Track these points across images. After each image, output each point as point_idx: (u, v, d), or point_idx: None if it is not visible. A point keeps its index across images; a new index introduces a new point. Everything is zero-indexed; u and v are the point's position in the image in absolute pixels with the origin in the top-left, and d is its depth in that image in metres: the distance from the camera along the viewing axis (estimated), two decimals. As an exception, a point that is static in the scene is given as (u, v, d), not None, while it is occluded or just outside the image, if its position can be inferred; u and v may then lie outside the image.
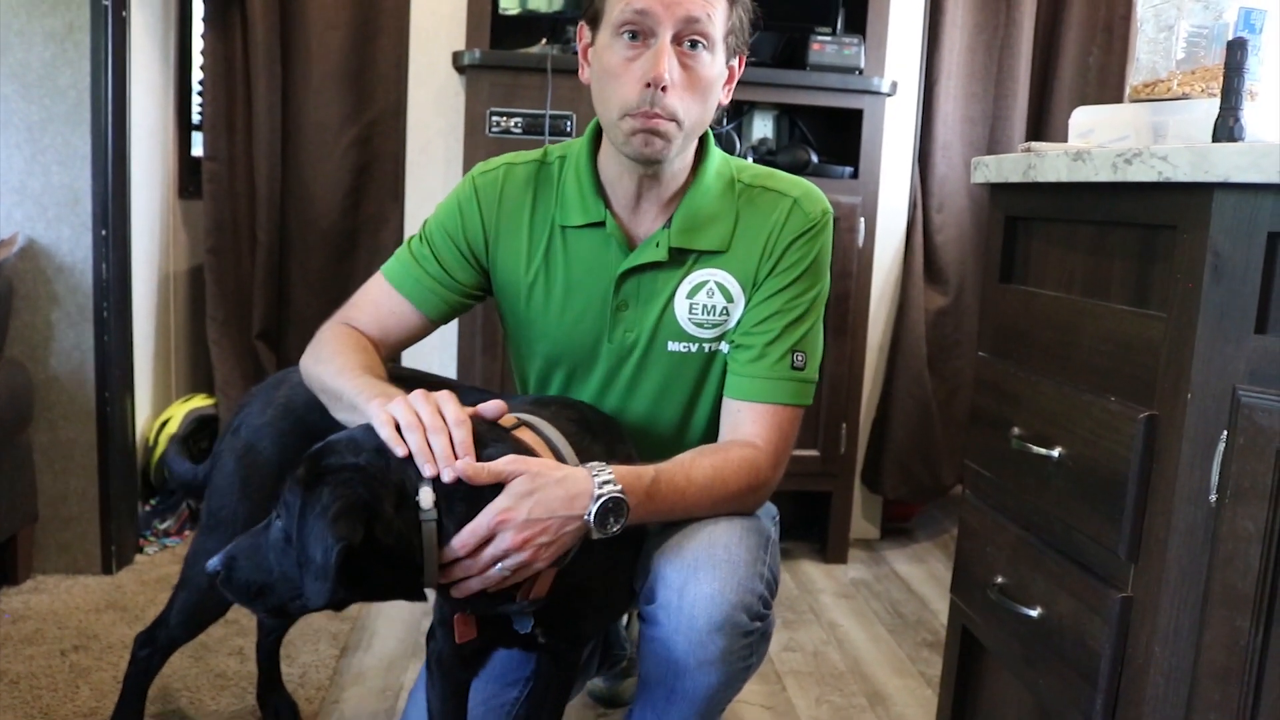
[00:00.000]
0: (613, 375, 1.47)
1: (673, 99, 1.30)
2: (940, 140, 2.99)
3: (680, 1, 1.28)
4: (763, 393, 1.39)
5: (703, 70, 1.32)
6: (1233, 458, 1.03)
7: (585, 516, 1.16)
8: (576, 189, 1.43)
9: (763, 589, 1.26)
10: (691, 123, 1.34)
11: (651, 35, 1.30)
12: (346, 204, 2.92)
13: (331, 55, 2.85)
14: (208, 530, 1.53)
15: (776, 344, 1.39)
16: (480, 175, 1.47)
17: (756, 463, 1.35)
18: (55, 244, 2.36)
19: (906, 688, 2.19)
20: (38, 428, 2.39)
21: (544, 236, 1.44)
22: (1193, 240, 1.07)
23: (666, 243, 1.40)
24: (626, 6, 1.29)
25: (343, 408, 1.31)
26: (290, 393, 1.51)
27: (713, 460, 1.32)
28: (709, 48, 1.32)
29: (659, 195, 1.41)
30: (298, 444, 1.45)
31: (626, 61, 1.31)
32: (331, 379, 1.34)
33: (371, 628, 2.31)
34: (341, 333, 1.44)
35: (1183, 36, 1.40)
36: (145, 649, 1.63)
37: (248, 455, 1.49)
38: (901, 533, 3.24)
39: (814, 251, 1.42)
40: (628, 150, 1.34)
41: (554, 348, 1.47)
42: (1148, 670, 1.11)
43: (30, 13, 2.29)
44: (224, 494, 1.51)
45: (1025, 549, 1.35)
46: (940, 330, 3.08)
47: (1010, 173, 1.40)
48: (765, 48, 2.93)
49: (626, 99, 1.30)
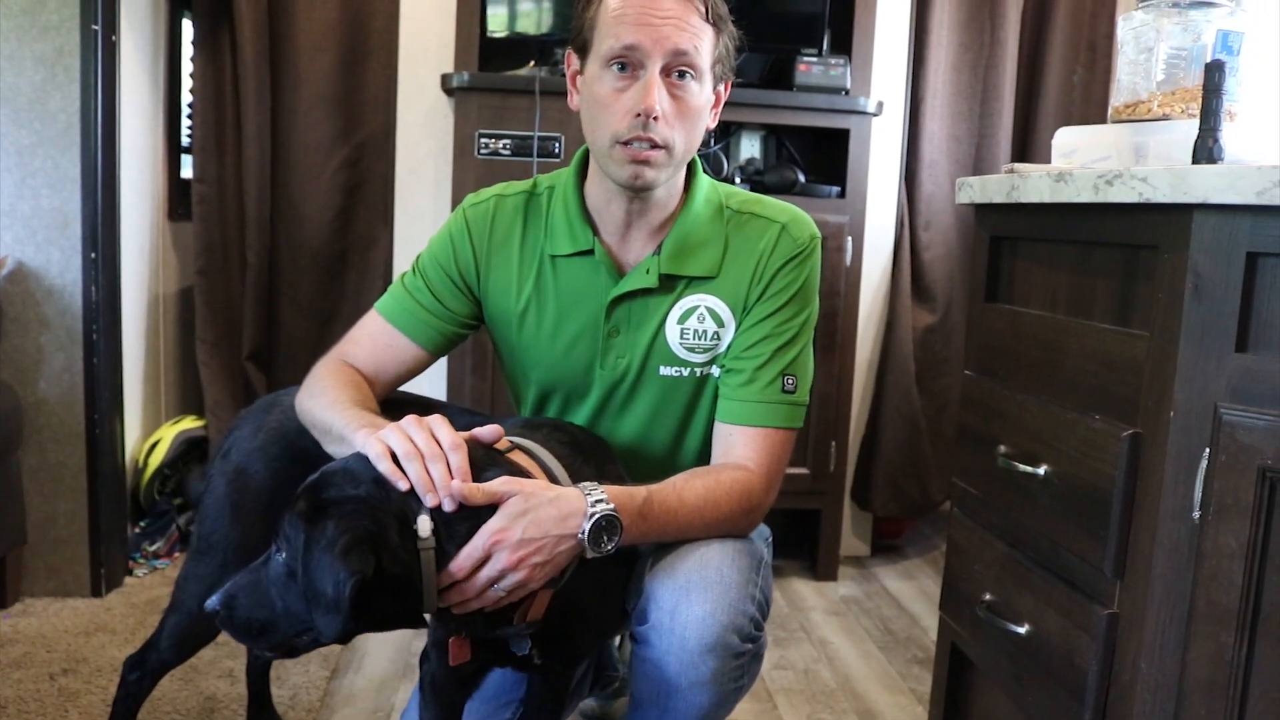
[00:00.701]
0: (606, 400, 1.47)
1: (663, 128, 1.31)
2: (926, 159, 3.01)
3: (669, 35, 1.29)
4: (754, 416, 1.40)
5: (691, 100, 1.34)
6: (1215, 475, 1.04)
7: (579, 535, 1.17)
8: (564, 218, 1.44)
9: (754, 610, 1.27)
10: (681, 150, 1.36)
11: (640, 67, 1.31)
12: (336, 225, 2.93)
13: (321, 78, 2.86)
14: (198, 555, 1.53)
15: (767, 368, 1.40)
16: (471, 207, 1.48)
17: (749, 485, 1.36)
18: (45, 266, 2.37)
19: (897, 705, 2.19)
20: (27, 450, 2.39)
21: (534, 266, 1.45)
22: (1173, 260, 1.08)
23: (657, 269, 1.41)
24: (616, 41, 1.30)
25: (332, 440, 1.32)
26: (282, 417, 1.51)
27: (705, 482, 1.33)
28: (697, 78, 1.34)
29: (648, 222, 1.42)
30: (289, 469, 1.45)
31: (616, 92, 1.32)
32: (321, 412, 1.35)
33: (362, 649, 2.30)
34: (334, 368, 1.45)
35: (1162, 58, 1.42)
36: (135, 672, 1.62)
37: (238, 479, 1.49)
38: (892, 549, 3.24)
39: (803, 276, 1.44)
40: (618, 178, 1.35)
41: (547, 375, 1.48)
42: (1134, 686, 1.12)
43: (20, 38, 2.30)
44: (214, 518, 1.51)
45: (1013, 566, 1.36)
46: (928, 348, 3.10)
47: (994, 193, 1.42)
48: (752, 69, 2.95)
49: (617, 129, 1.32)
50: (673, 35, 1.30)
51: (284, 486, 1.45)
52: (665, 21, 1.29)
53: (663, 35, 1.29)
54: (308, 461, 1.45)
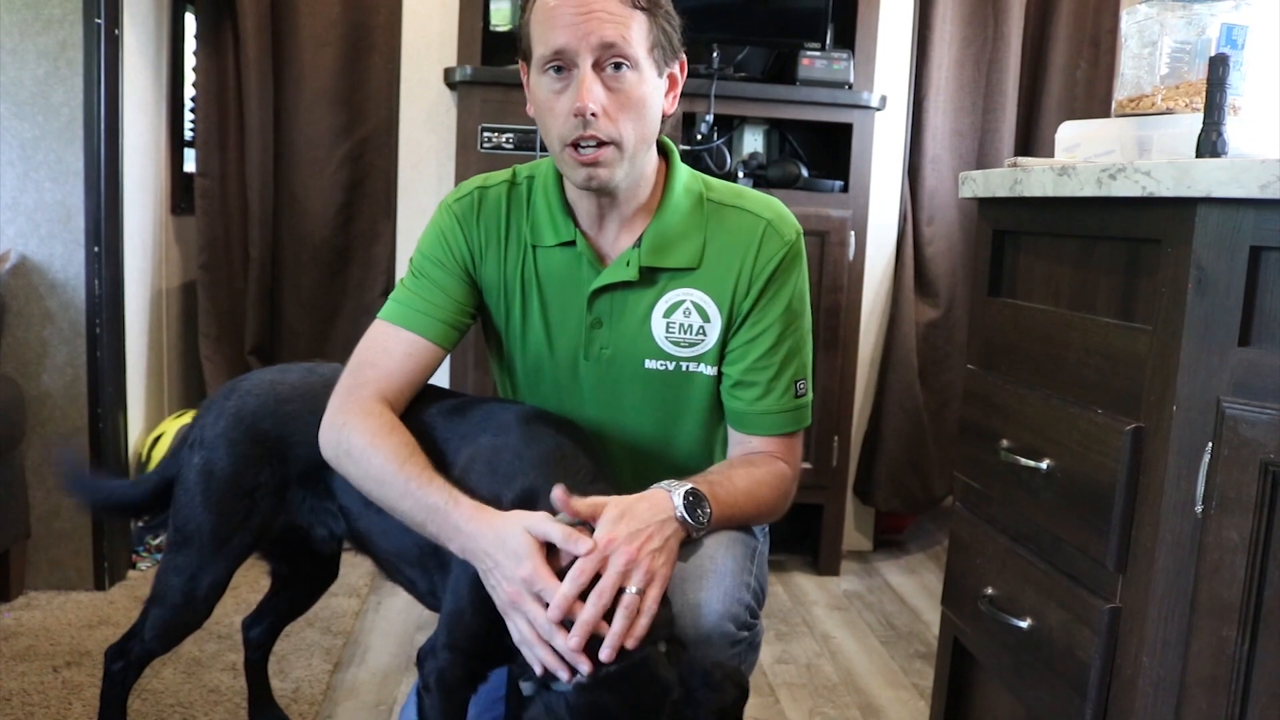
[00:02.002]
0: (593, 392, 1.47)
1: (604, 124, 1.30)
2: (930, 154, 3.00)
3: (593, 29, 1.28)
4: (774, 426, 1.43)
5: (630, 90, 1.32)
6: (1218, 469, 1.04)
7: (677, 513, 1.23)
8: (546, 209, 1.44)
9: (749, 599, 1.28)
10: (633, 142, 1.34)
11: (574, 66, 1.31)
12: (339, 220, 2.93)
13: (323, 72, 2.86)
14: (175, 546, 1.54)
15: (779, 379, 1.42)
16: (455, 202, 1.47)
17: (786, 475, 1.43)
18: (48, 261, 2.37)
19: (899, 699, 2.19)
20: (30, 444, 2.39)
21: (519, 256, 1.45)
22: (1177, 254, 1.08)
23: (637, 262, 1.40)
24: (545, 46, 1.31)
25: (431, 527, 1.29)
26: (240, 401, 1.51)
27: (746, 470, 1.39)
28: (633, 67, 1.32)
29: (620, 214, 1.42)
30: (250, 450, 1.48)
31: (555, 95, 1.32)
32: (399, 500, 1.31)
33: (365, 642, 2.31)
34: (376, 424, 1.36)
35: (1166, 52, 1.42)
36: (118, 662, 1.62)
37: (205, 467, 1.50)
38: (894, 544, 3.24)
39: (796, 278, 1.44)
40: (574, 181, 1.36)
41: (535, 366, 1.48)
42: (1136, 680, 1.12)
43: (23, 31, 2.30)
44: (187, 509, 1.52)
45: (1015, 560, 1.36)
46: (931, 343, 3.10)
47: (997, 187, 1.42)
48: (755, 63, 2.95)
49: (561, 132, 1.32)
50: (597, 29, 1.28)
51: (247, 469, 1.48)
52: (589, 17, 1.28)
53: (588, 30, 1.28)
54: (267, 442, 1.48)
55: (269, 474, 1.49)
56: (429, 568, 1.40)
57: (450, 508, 1.25)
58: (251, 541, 1.53)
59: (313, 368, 1.58)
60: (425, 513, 1.26)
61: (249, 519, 1.50)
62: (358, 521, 1.48)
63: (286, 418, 1.49)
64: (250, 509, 1.50)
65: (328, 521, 1.52)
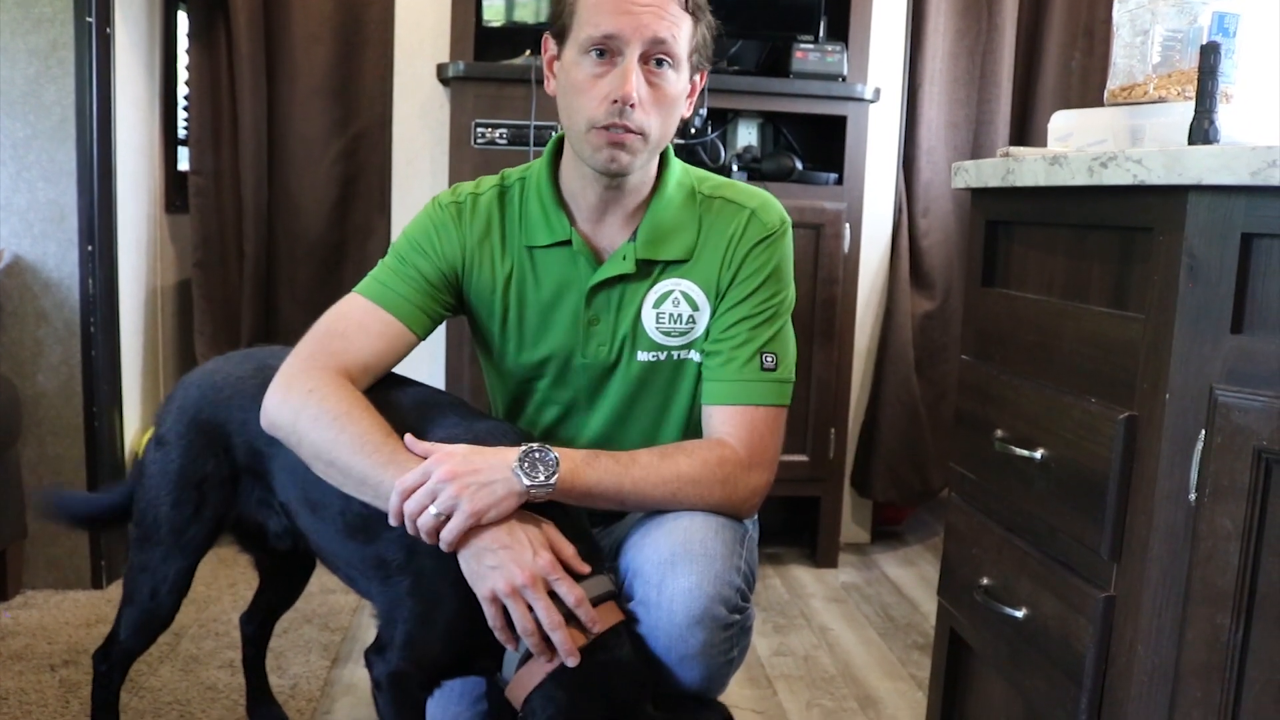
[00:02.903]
0: (587, 389, 1.47)
1: (639, 115, 1.32)
2: (924, 145, 3.00)
3: (648, 23, 1.30)
4: (733, 395, 1.40)
5: (668, 88, 1.35)
6: (1211, 457, 1.04)
7: (513, 464, 1.24)
8: (539, 208, 1.44)
9: (740, 582, 1.28)
10: (657, 137, 1.36)
11: (619, 54, 1.31)
12: (333, 216, 2.93)
13: (316, 68, 2.86)
14: (138, 544, 1.55)
15: (744, 347, 1.41)
16: (450, 204, 1.46)
17: (721, 455, 1.35)
18: (42, 260, 2.36)
19: (897, 690, 2.20)
20: (26, 443, 2.39)
21: (513, 260, 1.45)
22: (1168, 242, 1.08)
23: (633, 255, 1.41)
24: (595, 29, 1.31)
25: (368, 492, 1.29)
26: (184, 393, 1.53)
27: (666, 447, 1.36)
28: (674, 66, 1.34)
29: (623, 207, 1.42)
30: (195, 442, 1.49)
31: (594, 78, 1.32)
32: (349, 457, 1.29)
33: (362, 638, 2.31)
34: (339, 389, 1.34)
35: (1158, 41, 1.42)
36: (104, 664, 1.65)
37: (159, 462, 1.52)
38: (892, 536, 3.25)
39: (774, 259, 1.43)
40: (594, 163, 1.35)
41: (529, 367, 1.48)
42: (1131, 668, 1.12)
43: (14, 30, 2.29)
44: (144, 504, 1.53)
45: (1010, 550, 1.36)
46: (927, 334, 3.10)
47: (990, 177, 1.42)
48: (749, 56, 2.95)
49: (594, 115, 1.32)
50: (652, 23, 1.30)
51: (193, 460, 1.49)
52: (645, 9, 1.30)
53: (642, 23, 1.30)
54: (209, 432, 1.48)
55: (214, 465, 1.49)
56: (368, 575, 1.38)
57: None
58: (207, 534, 1.53)
59: (250, 353, 1.59)
60: (420, 475, 1.24)
61: (201, 511, 1.50)
62: (297, 519, 1.47)
63: (222, 405, 1.49)
64: (201, 501, 1.50)
65: (274, 520, 1.52)
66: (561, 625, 1.20)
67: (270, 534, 1.53)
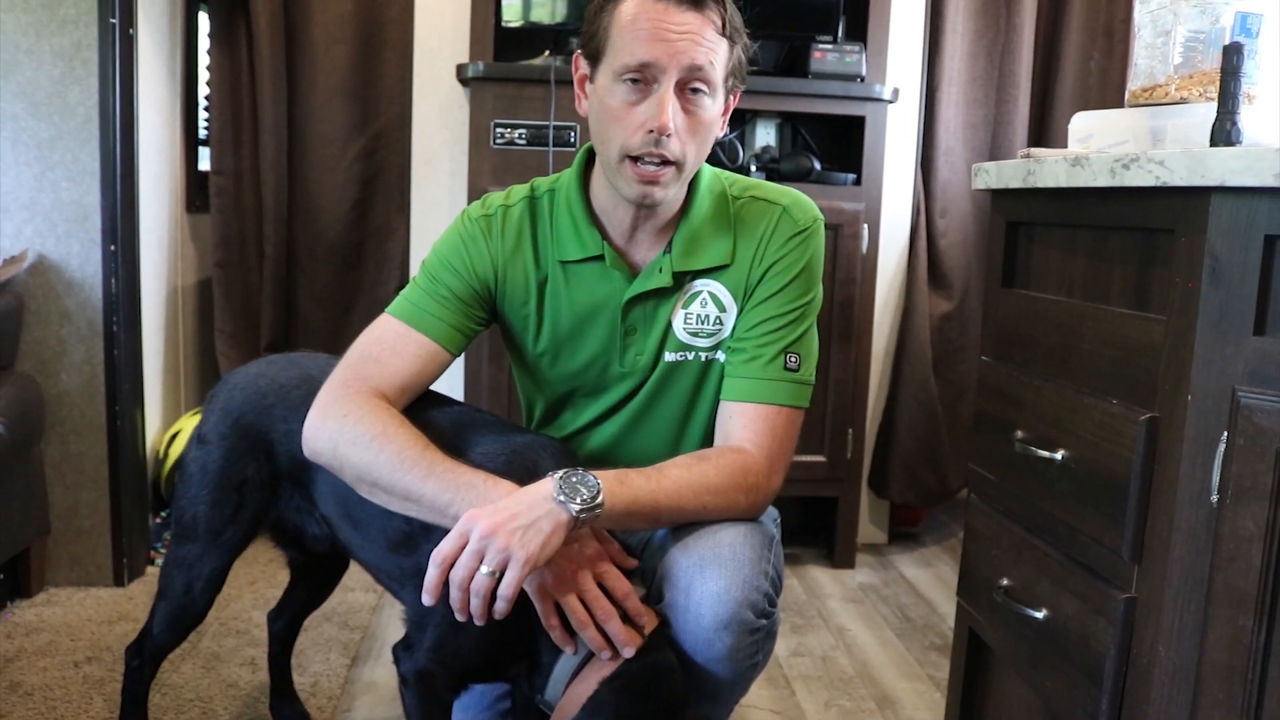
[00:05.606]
0: (622, 396, 1.47)
1: (674, 144, 1.30)
2: (943, 146, 3.00)
3: (685, 50, 1.27)
4: (755, 393, 1.39)
5: (704, 114, 1.32)
6: (1233, 458, 1.04)
7: (553, 494, 1.17)
8: (570, 223, 1.42)
9: (768, 587, 1.28)
10: (692, 164, 1.35)
11: (655, 82, 1.29)
12: (353, 216, 2.94)
13: (336, 69, 2.87)
14: (176, 540, 1.57)
15: (769, 345, 1.39)
16: (481, 217, 1.44)
17: (745, 463, 1.34)
18: (65, 259, 2.38)
19: (915, 691, 2.20)
20: (49, 442, 2.41)
21: (545, 273, 1.44)
22: (1191, 244, 1.08)
23: (670, 268, 1.40)
24: (630, 57, 1.27)
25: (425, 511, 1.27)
26: (228, 395, 1.54)
27: (689, 459, 1.34)
28: (710, 92, 1.32)
29: (654, 225, 1.41)
30: (238, 445, 1.50)
31: (628, 105, 1.30)
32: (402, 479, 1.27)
33: (382, 637, 2.32)
34: (380, 413, 1.32)
35: (1180, 41, 1.41)
36: (136, 659, 1.67)
37: (204, 462, 1.53)
38: (909, 537, 3.24)
39: (805, 257, 1.42)
40: (627, 195, 1.34)
41: (566, 379, 1.48)
42: (1152, 670, 1.12)
43: (39, 32, 2.31)
44: (185, 502, 1.56)
45: (1030, 551, 1.36)
46: (945, 335, 3.09)
47: (1010, 178, 1.42)
48: (767, 56, 2.95)
49: (628, 143, 1.30)
50: (689, 50, 1.27)
51: (234, 462, 1.50)
52: (682, 36, 1.27)
53: (679, 50, 1.27)
54: (252, 436, 1.49)
55: (255, 468, 1.50)
56: (407, 584, 1.37)
57: (489, 486, 1.23)
58: (244, 535, 1.55)
59: (295, 359, 1.59)
60: (455, 490, 1.23)
61: (240, 512, 1.52)
62: (339, 533, 1.48)
63: (266, 411, 1.50)
64: (240, 503, 1.51)
65: (314, 525, 1.53)
66: (615, 615, 1.20)
67: (308, 536, 1.55)
